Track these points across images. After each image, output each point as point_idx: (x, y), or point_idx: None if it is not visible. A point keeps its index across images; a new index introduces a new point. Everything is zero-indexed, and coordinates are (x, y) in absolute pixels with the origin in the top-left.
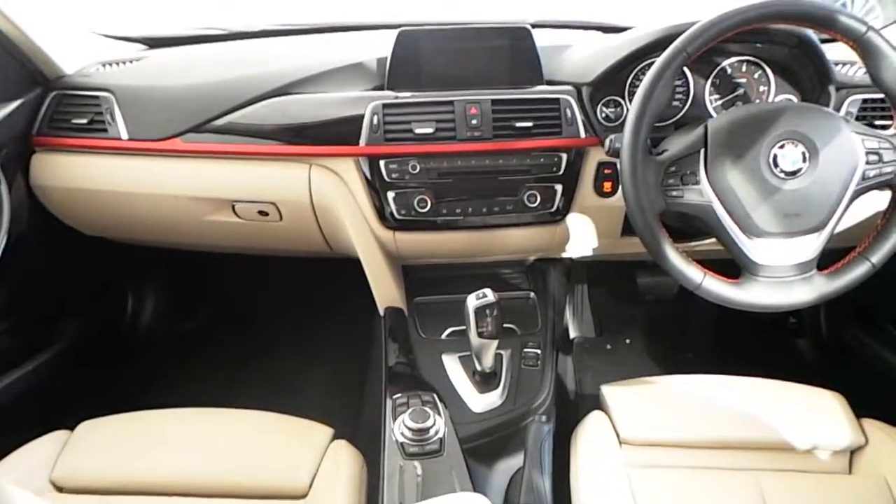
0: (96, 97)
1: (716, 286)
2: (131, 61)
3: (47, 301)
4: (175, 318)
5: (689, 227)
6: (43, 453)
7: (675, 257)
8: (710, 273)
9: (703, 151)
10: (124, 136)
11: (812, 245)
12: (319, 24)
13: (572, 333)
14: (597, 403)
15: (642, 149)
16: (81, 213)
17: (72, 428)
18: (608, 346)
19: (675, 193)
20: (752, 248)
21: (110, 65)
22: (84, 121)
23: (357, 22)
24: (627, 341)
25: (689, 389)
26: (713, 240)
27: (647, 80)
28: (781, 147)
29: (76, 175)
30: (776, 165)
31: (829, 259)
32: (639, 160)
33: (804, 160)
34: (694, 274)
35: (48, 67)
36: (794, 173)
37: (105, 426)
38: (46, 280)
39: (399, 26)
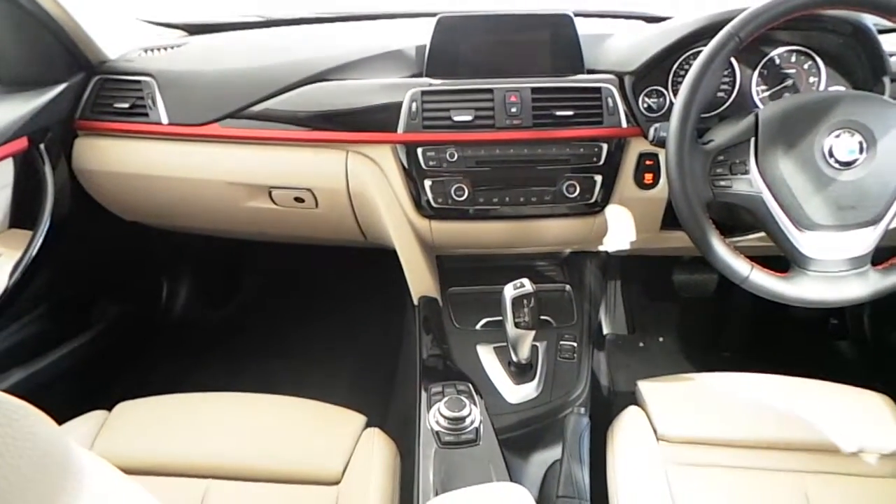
0: (138, 82)
1: (764, 279)
2: (172, 47)
3: (86, 285)
4: (208, 306)
5: (735, 220)
6: (80, 434)
7: (721, 249)
8: (758, 266)
9: (753, 140)
10: (165, 120)
11: (867, 239)
12: (358, 13)
13: (605, 330)
14: (631, 400)
15: (690, 137)
16: (121, 197)
17: (109, 409)
18: (641, 344)
19: (723, 183)
20: (803, 241)
21: (152, 50)
22: (126, 105)
23: (396, 10)
24: (661, 339)
25: (729, 387)
26: (758, 235)
27: (696, 66)
28: (837, 137)
29: (117, 159)
30: (831, 156)
31: (880, 257)
32: (686, 149)
33: (861, 150)
34: (741, 266)
35: (93, 53)
36: (849, 164)
37: (142, 407)
38: (86, 264)
39: (438, 14)
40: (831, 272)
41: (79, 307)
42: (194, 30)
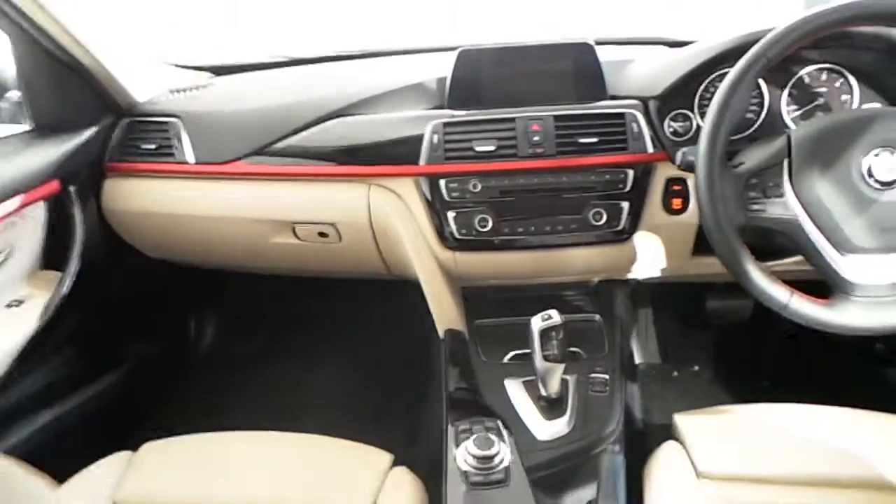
0: (164, 123)
1: (805, 307)
2: (197, 88)
3: (115, 325)
4: (234, 343)
5: (770, 245)
6: (106, 474)
7: (757, 275)
8: (798, 293)
9: (786, 162)
10: (191, 159)
11: None
12: (379, 50)
13: (637, 360)
14: (668, 434)
15: (720, 160)
16: (149, 235)
17: (135, 449)
18: (675, 374)
19: (756, 207)
20: (845, 266)
21: (178, 92)
22: (153, 146)
23: (417, 46)
24: (696, 368)
25: (773, 419)
26: (796, 259)
27: (723, 87)
28: (876, 156)
29: (145, 199)
30: (871, 175)
31: None
32: (716, 172)
33: None
34: (779, 293)
35: (121, 96)
36: (891, 184)
37: (168, 448)
38: (115, 304)
39: (457, 48)
40: (876, 297)
41: (107, 347)
42: (219, 71)
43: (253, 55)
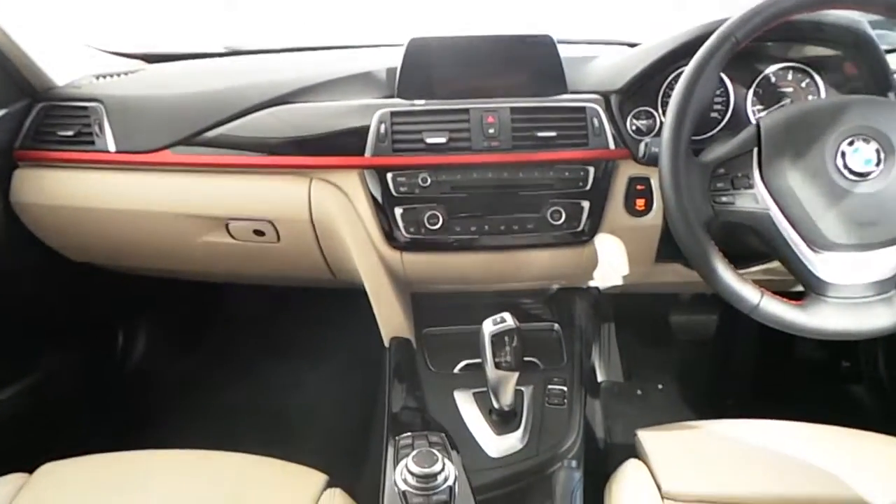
0: (85, 108)
1: (776, 308)
2: (126, 73)
3: (23, 331)
4: (169, 357)
5: (739, 247)
6: None
7: (726, 273)
8: (769, 293)
9: (756, 151)
10: (112, 148)
11: (892, 260)
12: (329, 44)
13: (599, 377)
14: (630, 453)
15: (685, 149)
16: (65, 233)
17: (31, 471)
18: (639, 392)
19: (724, 199)
20: (819, 264)
21: (104, 77)
22: (70, 133)
23: (368, 42)
24: (660, 387)
25: (739, 435)
26: (766, 266)
27: (689, 71)
28: (850, 144)
29: (60, 192)
30: (845, 166)
31: None
32: (682, 161)
33: (878, 160)
34: (749, 293)
35: (37, 78)
36: (865, 175)
37: (69, 469)
38: (24, 307)
39: None
40: (853, 298)
41: (14, 355)
42: (153, 59)
43: (191, 45)
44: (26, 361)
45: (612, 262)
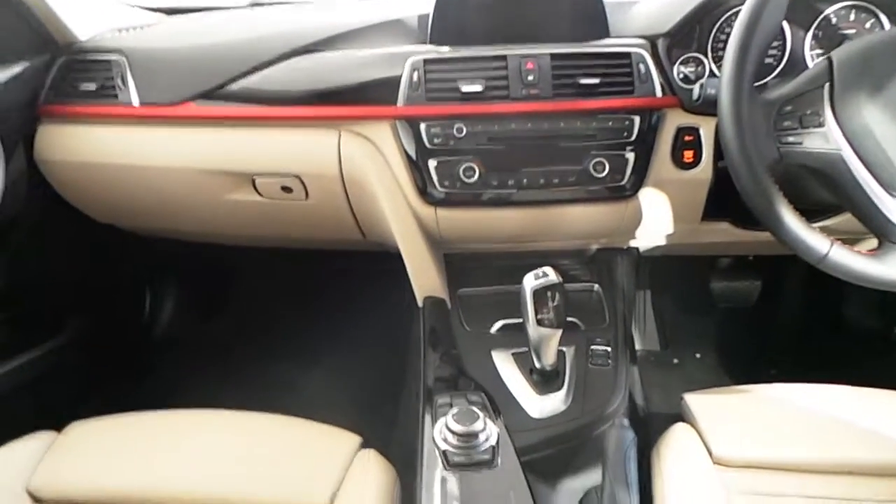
0: (107, 61)
1: (847, 258)
2: (149, 26)
3: (50, 292)
4: (196, 319)
5: (803, 197)
6: (22, 457)
7: (792, 220)
8: (839, 242)
9: (827, 87)
10: (135, 101)
11: None
12: None
13: (635, 346)
14: (671, 422)
15: (749, 84)
16: (89, 192)
17: (60, 429)
18: (675, 361)
19: (791, 139)
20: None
21: (126, 30)
22: (93, 86)
23: None
24: (698, 356)
25: (792, 399)
26: (834, 220)
27: None
28: None
29: (84, 147)
30: None
31: None
32: (745, 98)
33: None
34: (818, 242)
35: (60, 32)
36: None
37: (99, 427)
38: (50, 269)
39: None
40: None
41: (43, 317)
42: (174, 13)
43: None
44: (53, 323)
45: (656, 220)
